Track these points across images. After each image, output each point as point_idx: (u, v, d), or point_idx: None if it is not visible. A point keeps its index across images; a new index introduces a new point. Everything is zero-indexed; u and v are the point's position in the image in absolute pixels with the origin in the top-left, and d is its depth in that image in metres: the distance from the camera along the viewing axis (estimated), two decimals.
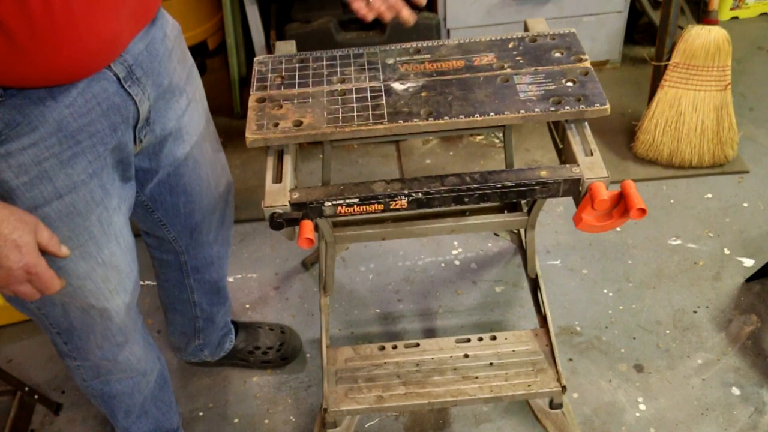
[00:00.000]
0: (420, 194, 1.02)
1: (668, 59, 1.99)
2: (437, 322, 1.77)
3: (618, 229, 1.94)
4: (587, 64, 1.15)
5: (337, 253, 1.79)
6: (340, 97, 1.13)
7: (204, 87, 1.19)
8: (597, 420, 1.55)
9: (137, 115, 0.99)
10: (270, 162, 1.08)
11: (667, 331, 1.71)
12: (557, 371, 1.36)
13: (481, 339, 1.43)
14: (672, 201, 2.02)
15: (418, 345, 1.44)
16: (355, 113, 1.09)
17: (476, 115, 1.07)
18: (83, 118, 0.90)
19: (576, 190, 1.03)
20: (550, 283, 1.81)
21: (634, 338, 1.70)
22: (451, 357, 1.41)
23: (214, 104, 1.29)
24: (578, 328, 1.73)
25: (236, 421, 1.61)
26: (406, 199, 1.02)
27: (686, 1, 2.38)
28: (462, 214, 1.58)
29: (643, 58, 2.49)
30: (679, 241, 1.91)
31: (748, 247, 1.88)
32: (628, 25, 2.36)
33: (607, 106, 1.08)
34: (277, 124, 1.08)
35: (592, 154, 1.05)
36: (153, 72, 0.99)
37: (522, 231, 1.76)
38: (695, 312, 1.75)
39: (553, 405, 1.44)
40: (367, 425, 1.58)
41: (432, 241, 1.96)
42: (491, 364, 1.39)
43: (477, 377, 1.37)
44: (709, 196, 2.03)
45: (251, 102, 1.13)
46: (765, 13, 2.69)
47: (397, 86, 1.14)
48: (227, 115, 2.39)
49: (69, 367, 1.23)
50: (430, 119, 1.07)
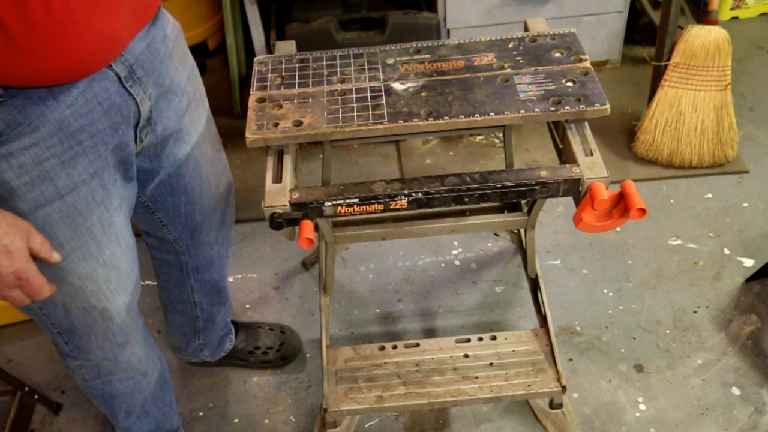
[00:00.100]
0: (420, 194, 1.02)
1: (668, 59, 1.99)
2: (437, 322, 1.77)
3: (618, 229, 1.94)
4: (587, 64, 1.15)
5: (337, 253, 1.79)
6: (340, 97, 1.13)
7: (204, 87, 1.19)
8: (597, 420, 1.55)
9: (138, 114, 0.99)
10: (270, 162, 1.08)
11: (667, 331, 1.71)
12: (557, 371, 1.36)
13: (481, 339, 1.43)
14: (672, 201, 2.02)
15: (418, 345, 1.44)
16: (355, 113, 1.09)
17: (476, 115, 1.07)
18: (84, 118, 0.90)
19: (576, 190, 1.03)
20: (550, 283, 1.81)
21: (634, 338, 1.70)
22: (451, 357, 1.41)
23: (214, 104, 1.29)
24: (578, 328, 1.73)
25: (236, 421, 1.61)
26: (406, 199, 1.02)
27: (686, 1, 2.38)
28: (462, 214, 1.58)
29: (643, 58, 2.49)
30: (679, 241, 1.91)
31: (748, 247, 1.88)
32: (628, 25, 2.36)
33: (607, 106, 1.08)
34: (277, 124, 1.08)
35: (592, 154, 1.05)
36: (154, 72, 0.99)
37: (522, 231, 1.76)
38: (695, 312, 1.75)
39: (553, 405, 1.44)
40: (367, 425, 1.58)
41: (432, 241, 1.96)
42: (491, 364, 1.39)
43: (477, 377, 1.37)
44: (709, 196, 2.03)
45: (251, 102, 1.13)
46: (765, 13, 2.69)
47: (397, 86, 1.14)
48: (227, 115, 2.39)
49: (70, 367, 1.23)
50: (430, 119, 1.07)
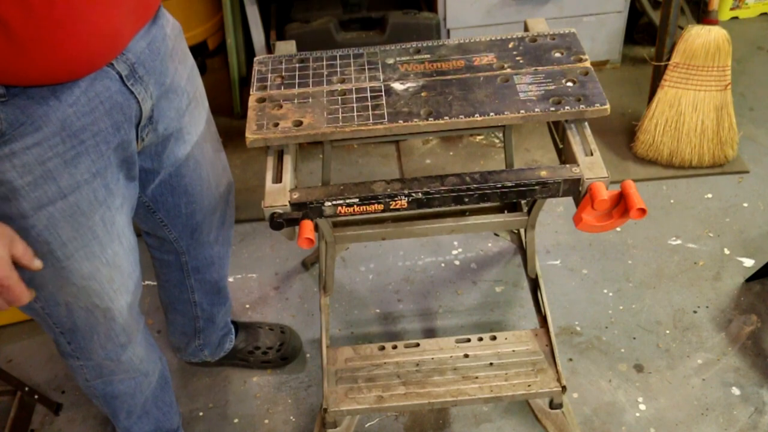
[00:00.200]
0: (420, 194, 1.02)
1: (668, 59, 1.99)
2: (437, 322, 1.77)
3: (618, 229, 1.94)
4: (587, 64, 1.15)
5: (337, 253, 1.79)
6: (340, 97, 1.13)
7: (204, 87, 1.19)
8: (597, 420, 1.55)
9: (140, 113, 0.99)
10: (270, 162, 1.08)
11: (667, 331, 1.71)
12: (557, 371, 1.36)
13: (481, 339, 1.43)
14: (672, 201, 2.02)
15: (418, 345, 1.44)
16: (355, 113, 1.09)
17: (476, 115, 1.07)
18: (86, 117, 0.90)
19: (576, 190, 1.03)
20: (550, 283, 1.81)
21: (634, 338, 1.70)
22: (451, 357, 1.41)
23: (214, 104, 1.29)
24: (578, 328, 1.73)
25: (236, 421, 1.61)
26: (406, 199, 1.02)
27: (686, 1, 2.38)
28: (462, 214, 1.58)
29: (643, 58, 2.49)
30: (679, 241, 1.91)
31: (748, 247, 1.88)
32: (628, 25, 2.36)
33: (607, 106, 1.08)
34: (277, 124, 1.08)
35: (592, 154, 1.05)
36: (155, 71, 0.99)
37: (522, 231, 1.76)
38: (695, 312, 1.75)
39: (553, 405, 1.44)
40: (367, 425, 1.58)
41: (432, 241, 1.96)
42: (491, 364, 1.39)
43: (477, 377, 1.37)
44: (709, 196, 2.03)
45: (251, 102, 1.13)
46: (765, 13, 2.69)
47: (397, 86, 1.14)
48: (227, 115, 2.39)
49: (71, 367, 1.23)
50: (430, 119, 1.07)
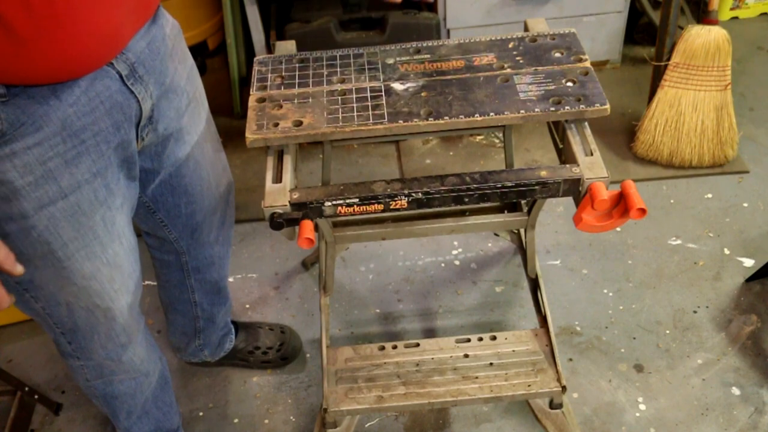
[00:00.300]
0: (420, 194, 1.02)
1: (668, 59, 1.99)
2: (437, 322, 1.77)
3: (618, 229, 1.94)
4: (587, 64, 1.15)
5: (337, 253, 1.78)
6: (340, 97, 1.13)
7: (204, 87, 1.19)
8: (597, 420, 1.55)
9: (140, 113, 0.99)
10: (270, 162, 1.08)
11: (667, 331, 1.71)
12: (557, 371, 1.36)
13: (481, 339, 1.43)
14: (672, 201, 2.02)
15: (418, 345, 1.44)
16: (355, 113, 1.09)
17: (476, 115, 1.07)
18: (87, 117, 0.90)
19: (576, 190, 1.03)
20: (550, 283, 1.81)
21: (634, 338, 1.70)
22: (451, 357, 1.41)
23: (214, 104, 1.29)
24: (578, 328, 1.73)
25: (236, 421, 1.61)
26: (406, 199, 1.02)
27: (686, 1, 2.38)
28: (462, 214, 1.58)
29: (643, 58, 2.49)
30: (679, 241, 1.91)
31: (748, 247, 1.88)
32: (628, 25, 2.36)
33: (607, 106, 1.08)
34: (277, 124, 1.08)
35: (592, 154, 1.05)
36: (155, 70, 1.00)
37: (522, 231, 1.76)
38: (695, 312, 1.75)
39: (553, 405, 1.44)
40: (367, 425, 1.58)
41: (432, 241, 1.96)
42: (491, 364, 1.39)
43: (477, 377, 1.37)
44: (709, 196, 2.03)
45: (251, 102, 1.13)
46: (765, 13, 2.69)
47: (397, 86, 1.14)
48: (227, 115, 2.39)
49: (72, 366, 1.23)
50: (430, 119, 1.07)
